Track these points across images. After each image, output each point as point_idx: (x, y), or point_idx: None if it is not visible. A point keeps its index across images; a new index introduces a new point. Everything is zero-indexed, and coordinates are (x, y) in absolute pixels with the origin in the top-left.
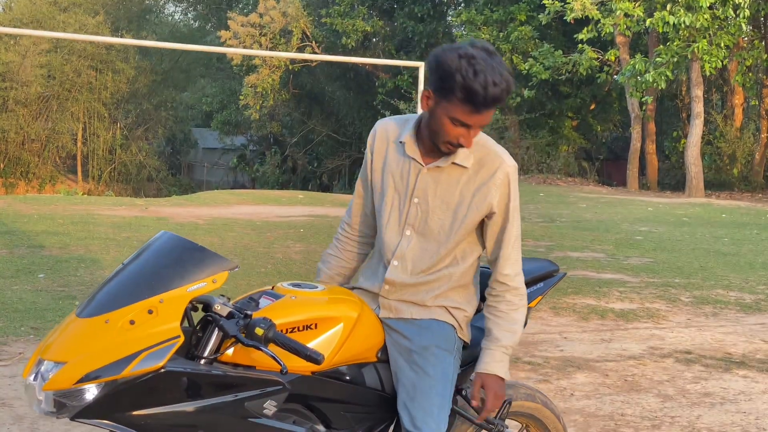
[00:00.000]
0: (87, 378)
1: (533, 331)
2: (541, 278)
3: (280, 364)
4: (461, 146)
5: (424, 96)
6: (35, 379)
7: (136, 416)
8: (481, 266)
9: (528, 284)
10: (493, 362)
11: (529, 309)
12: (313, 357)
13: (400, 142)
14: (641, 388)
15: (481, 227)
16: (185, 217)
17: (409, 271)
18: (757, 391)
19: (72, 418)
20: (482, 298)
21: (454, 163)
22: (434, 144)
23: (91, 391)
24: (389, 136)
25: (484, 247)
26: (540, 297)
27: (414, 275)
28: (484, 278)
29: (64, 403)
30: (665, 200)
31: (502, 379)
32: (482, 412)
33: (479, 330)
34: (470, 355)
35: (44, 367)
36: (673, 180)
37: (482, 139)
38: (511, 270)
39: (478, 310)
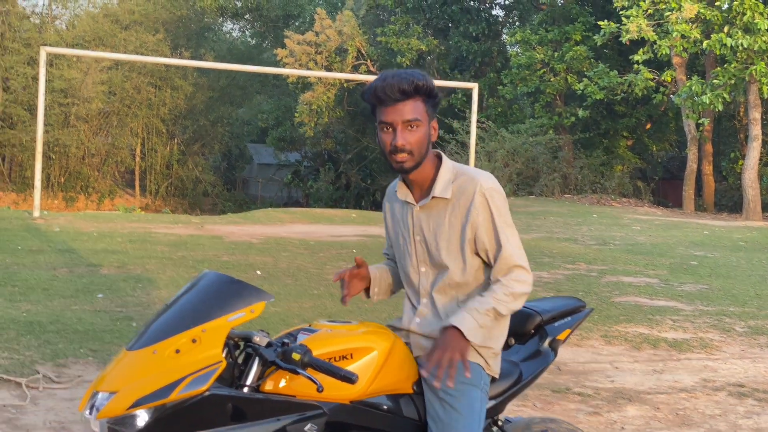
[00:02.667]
0: (137, 404)
1: (584, 360)
2: (567, 313)
3: (316, 383)
4: (400, 151)
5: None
6: (90, 412)
7: None
8: None
9: (556, 318)
10: (457, 318)
11: (557, 341)
12: (347, 377)
13: (395, 191)
14: (692, 422)
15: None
16: (239, 236)
17: (437, 305)
18: None
19: None
20: (513, 335)
21: (434, 197)
22: (390, 167)
23: (141, 417)
24: (390, 192)
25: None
26: (569, 330)
27: (441, 311)
28: (515, 316)
29: (118, 430)
30: (721, 223)
31: (463, 335)
32: (428, 359)
33: (509, 363)
34: (501, 387)
35: (98, 398)
36: (730, 201)
37: (461, 168)
38: (504, 263)
39: (508, 346)
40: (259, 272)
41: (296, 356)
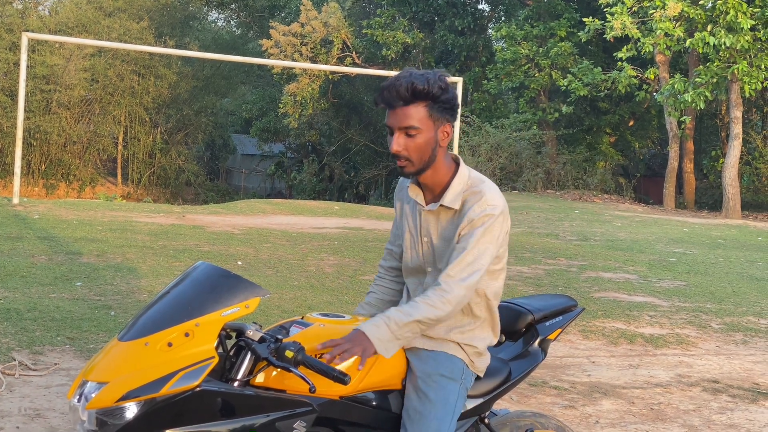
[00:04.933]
0: (127, 396)
1: (561, 355)
2: (559, 312)
3: (309, 383)
4: (397, 157)
5: None
6: (79, 400)
7: None
8: (503, 301)
9: (547, 317)
10: (370, 324)
11: (548, 341)
12: (340, 377)
13: (406, 187)
14: (666, 417)
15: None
16: (221, 226)
17: None
18: None
19: None
20: (504, 332)
21: (442, 206)
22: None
23: (131, 410)
24: (402, 187)
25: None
26: (559, 330)
27: None
28: (507, 314)
29: (106, 421)
30: (701, 220)
31: (368, 340)
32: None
33: (499, 361)
34: (489, 385)
35: (87, 387)
36: (710, 199)
37: (475, 179)
38: (449, 274)
39: (499, 343)
40: (240, 263)
41: (289, 354)
